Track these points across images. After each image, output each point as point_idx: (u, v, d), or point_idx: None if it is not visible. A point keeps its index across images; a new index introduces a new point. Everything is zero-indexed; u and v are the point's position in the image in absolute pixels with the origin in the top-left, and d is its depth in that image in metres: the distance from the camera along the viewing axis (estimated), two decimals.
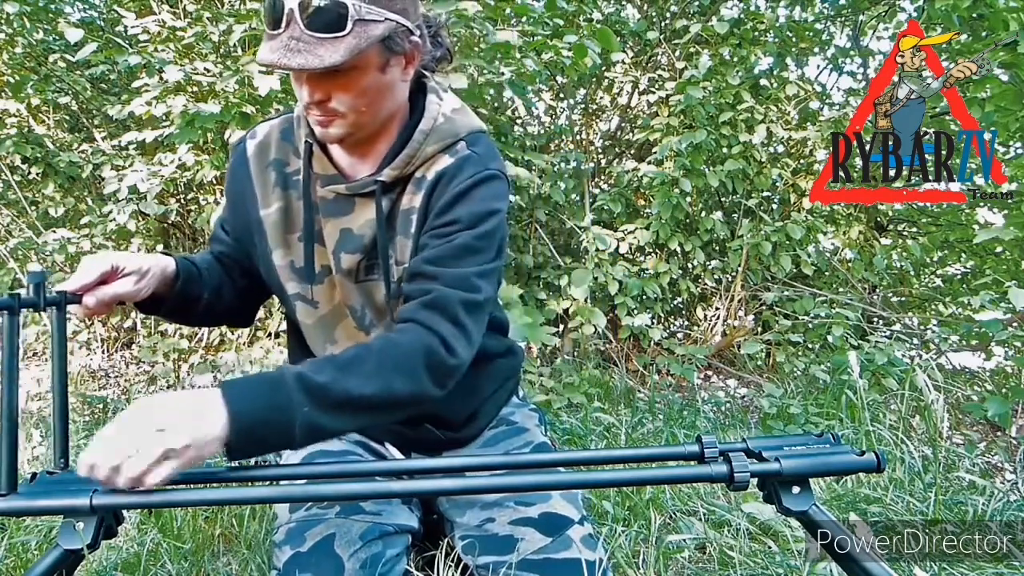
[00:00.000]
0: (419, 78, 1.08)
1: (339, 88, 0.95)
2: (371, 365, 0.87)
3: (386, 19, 0.93)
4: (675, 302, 4.00)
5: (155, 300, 1.05)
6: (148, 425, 0.75)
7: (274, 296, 1.20)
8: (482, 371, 1.21)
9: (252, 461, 1.68)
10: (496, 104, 3.57)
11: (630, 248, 3.65)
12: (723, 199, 4.00)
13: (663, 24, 4.09)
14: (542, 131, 4.33)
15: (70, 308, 0.94)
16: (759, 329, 3.87)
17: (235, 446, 0.78)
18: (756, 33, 3.84)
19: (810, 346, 3.57)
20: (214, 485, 0.84)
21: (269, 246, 1.11)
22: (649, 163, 3.64)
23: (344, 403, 0.84)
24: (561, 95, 4.33)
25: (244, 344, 3.32)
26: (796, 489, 0.82)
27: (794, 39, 4.18)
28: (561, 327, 3.42)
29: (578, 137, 4.39)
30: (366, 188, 1.04)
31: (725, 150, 3.57)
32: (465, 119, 1.08)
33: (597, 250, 3.30)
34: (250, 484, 0.86)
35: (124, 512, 0.86)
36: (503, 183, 1.06)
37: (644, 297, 3.44)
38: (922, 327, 3.73)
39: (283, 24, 0.90)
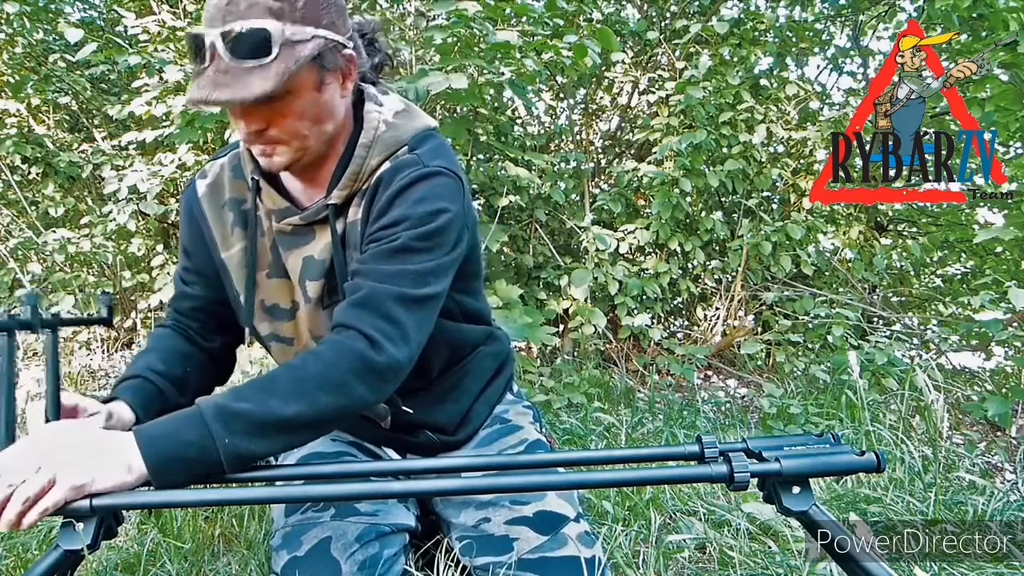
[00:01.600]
0: (358, 89, 1.03)
1: (276, 115, 0.90)
2: (292, 384, 0.83)
3: (314, 37, 0.88)
4: (675, 302, 3.99)
5: None
6: (50, 451, 0.75)
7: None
8: (466, 364, 1.19)
9: None
10: (496, 104, 3.57)
11: (630, 248, 3.65)
12: (723, 199, 4.00)
13: (663, 24, 4.09)
14: (542, 131, 4.33)
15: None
16: (759, 329, 3.87)
17: (159, 484, 0.78)
18: (756, 33, 3.84)
19: (810, 346, 3.56)
20: (214, 485, 0.84)
21: (236, 288, 1.08)
22: (649, 163, 3.64)
23: (269, 427, 0.81)
24: (561, 95, 4.33)
25: (244, 345, 3.31)
26: (796, 489, 0.81)
27: (794, 39, 4.18)
28: (561, 327, 3.42)
29: (578, 137, 4.39)
30: (319, 215, 1.01)
31: (725, 150, 3.57)
32: (409, 122, 1.03)
33: (597, 250, 3.30)
34: (250, 485, 0.86)
35: (124, 512, 0.86)
36: (448, 179, 0.98)
37: (644, 297, 3.44)
38: (922, 327, 3.73)
39: (207, 58, 0.86)
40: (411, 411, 1.12)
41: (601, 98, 4.51)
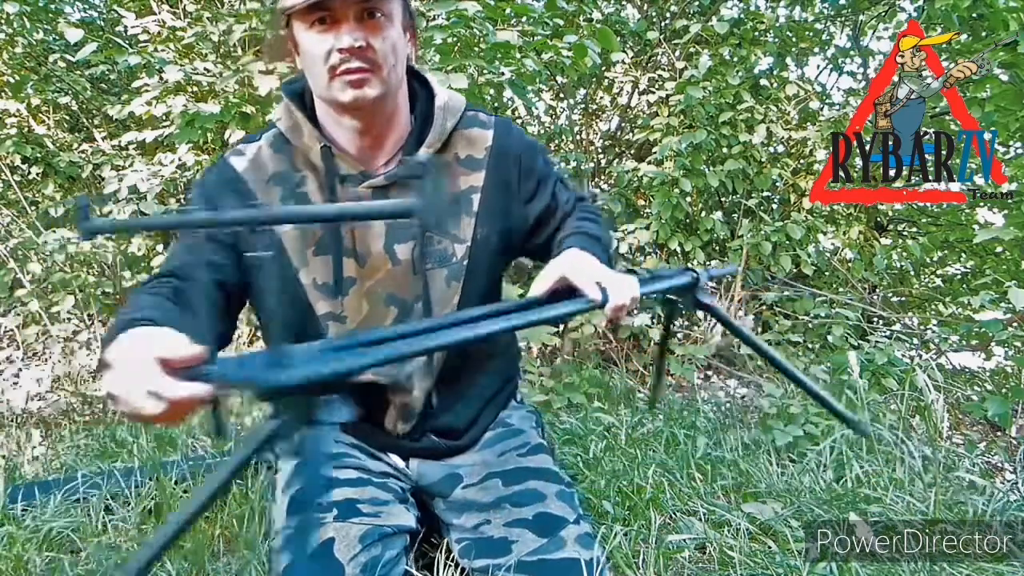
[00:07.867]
0: (409, 66, 1.11)
1: (375, 33, 0.96)
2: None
3: None
4: None
5: None
6: None
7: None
8: (482, 373, 1.22)
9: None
10: (496, 104, 3.56)
11: (630, 248, 3.64)
12: (723, 199, 4.00)
13: (663, 24, 4.09)
14: (542, 131, 4.33)
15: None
16: (759, 329, 3.86)
17: None
18: (756, 33, 3.84)
19: (810, 346, 3.56)
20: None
21: (294, 266, 1.06)
22: (649, 163, 3.64)
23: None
24: (561, 95, 4.33)
25: (244, 344, 3.32)
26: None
27: (794, 39, 4.18)
28: (561, 327, 3.42)
29: (578, 137, 4.39)
30: (412, 172, 1.02)
31: (725, 150, 3.56)
32: (456, 95, 1.15)
33: None
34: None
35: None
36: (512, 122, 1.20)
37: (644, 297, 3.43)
38: (922, 327, 3.73)
39: None
40: (433, 412, 1.15)
41: (601, 98, 4.51)
